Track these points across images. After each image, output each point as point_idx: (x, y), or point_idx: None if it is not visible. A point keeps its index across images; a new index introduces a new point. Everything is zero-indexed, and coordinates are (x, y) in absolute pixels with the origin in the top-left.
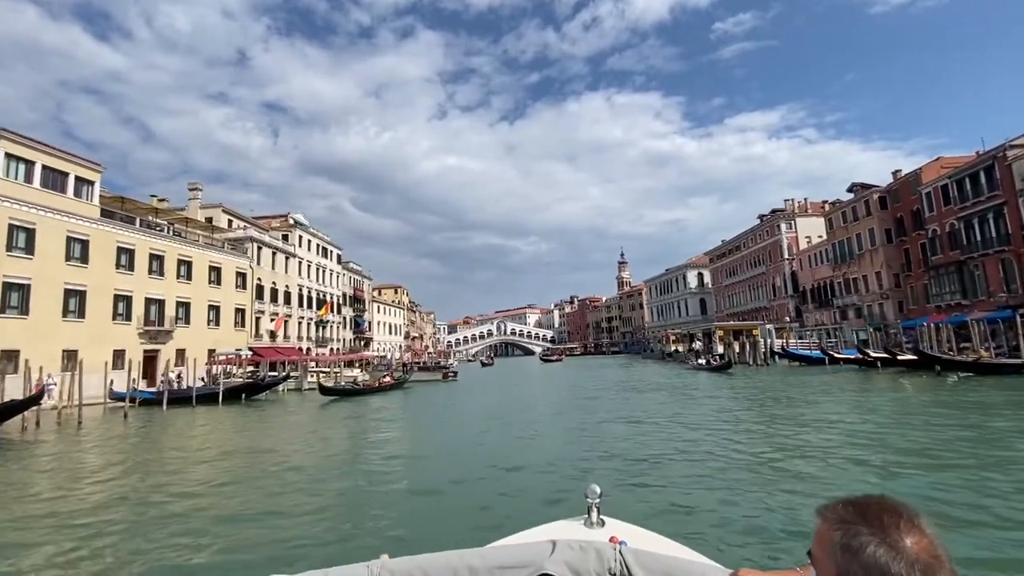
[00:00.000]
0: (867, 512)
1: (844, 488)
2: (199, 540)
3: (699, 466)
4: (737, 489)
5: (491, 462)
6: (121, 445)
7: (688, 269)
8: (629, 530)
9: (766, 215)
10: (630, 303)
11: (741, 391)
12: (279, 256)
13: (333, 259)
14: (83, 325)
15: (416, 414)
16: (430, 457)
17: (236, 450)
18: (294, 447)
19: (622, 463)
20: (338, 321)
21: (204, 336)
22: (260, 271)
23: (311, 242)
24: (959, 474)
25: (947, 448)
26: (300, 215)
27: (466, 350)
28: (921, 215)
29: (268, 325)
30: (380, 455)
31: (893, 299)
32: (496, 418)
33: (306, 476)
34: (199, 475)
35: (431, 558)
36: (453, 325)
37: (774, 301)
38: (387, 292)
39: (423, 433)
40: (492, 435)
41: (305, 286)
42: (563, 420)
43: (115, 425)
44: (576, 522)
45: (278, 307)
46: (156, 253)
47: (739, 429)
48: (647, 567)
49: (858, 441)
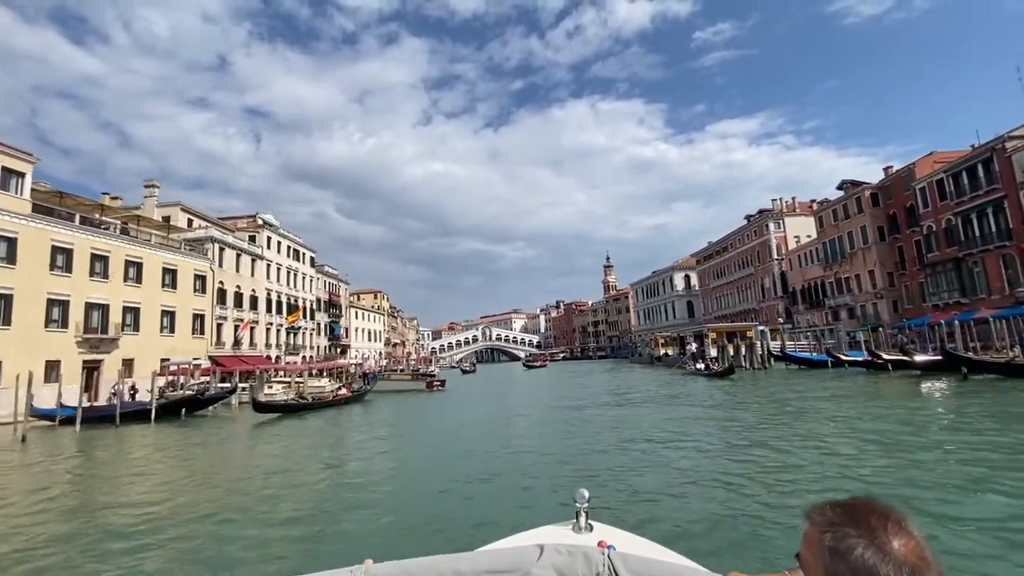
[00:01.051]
0: (855, 514)
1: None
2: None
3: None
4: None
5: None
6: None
7: (675, 271)
8: (618, 535)
9: (753, 215)
10: (616, 307)
11: (750, 401)
12: (244, 258)
13: (306, 262)
14: (9, 333)
15: (356, 439)
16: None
17: (81, 506)
18: (163, 494)
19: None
20: (311, 327)
21: (156, 344)
22: (223, 274)
23: (281, 244)
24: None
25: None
26: (270, 216)
27: (450, 356)
28: (915, 211)
29: (231, 332)
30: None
31: (887, 298)
32: (459, 445)
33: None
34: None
35: (417, 563)
36: (438, 331)
37: (763, 302)
38: (366, 297)
39: (354, 469)
40: (440, 476)
41: (274, 290)
42: (547, 444)
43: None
44: (564, 527)
45: (243, 312)
46: (99, 254)
47: (777, 461)
48: (635, 572)
49: (960, 474)
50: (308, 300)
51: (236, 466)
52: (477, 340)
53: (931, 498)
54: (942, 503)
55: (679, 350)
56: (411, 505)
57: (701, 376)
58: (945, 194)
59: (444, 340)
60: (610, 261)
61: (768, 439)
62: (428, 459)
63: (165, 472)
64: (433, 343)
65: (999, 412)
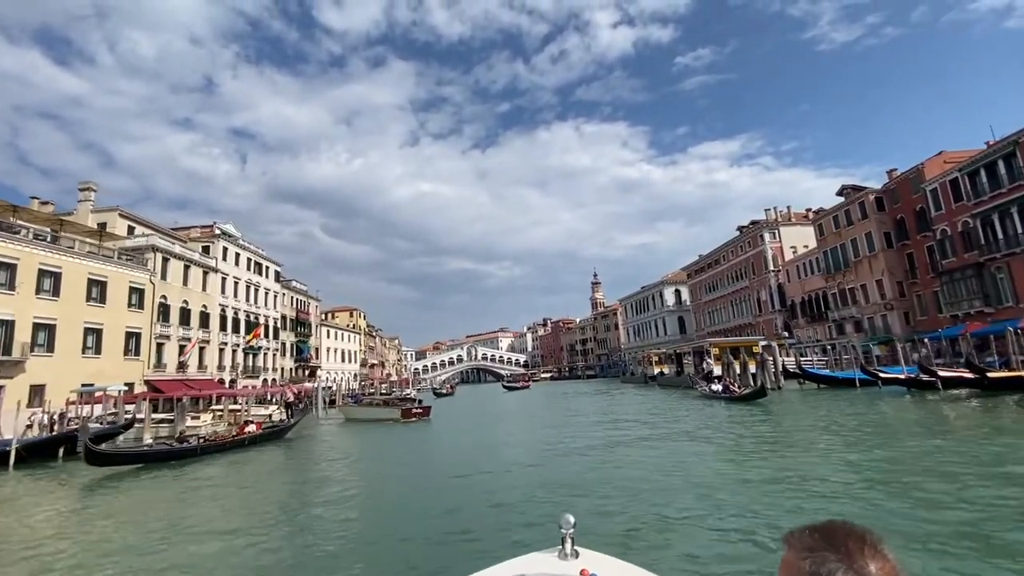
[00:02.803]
0: (833, 539)
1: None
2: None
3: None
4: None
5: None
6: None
7: (665, 286)
8: (604, 561)
9: (745, 226)
10: (605, 323)
11: (812, 437)
12: (194, 270)
13: (270, 276)
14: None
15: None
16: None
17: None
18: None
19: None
20: (274, 348)
21: (76, 367)
22: (166, 287)
23: (240, 256)
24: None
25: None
26: (230, 225)
27: (433, 377)
28: (926, 215)
29: (176, 352)
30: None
31: (898, 309)
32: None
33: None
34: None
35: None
36: (422, 351)
37: (759, 316)
38: (341, 315)
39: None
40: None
41: (231, 306)
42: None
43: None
44: (550, 554)
45: (190, 330)
46: (4, 261)
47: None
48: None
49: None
50: (272, 317)
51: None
52: (462, 360)
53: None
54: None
55: (676, 368)
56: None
57: (718, 399)
58: (961, 195)
59: (428, 360)
60: (598, 278)
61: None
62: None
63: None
64: (416, 363)
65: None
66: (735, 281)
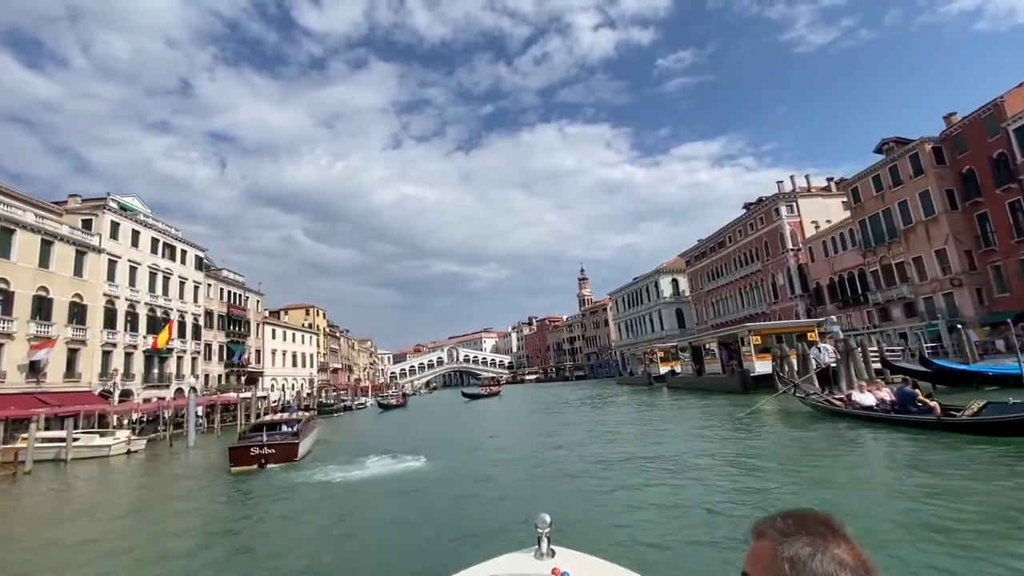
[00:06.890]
0: (806, 524)
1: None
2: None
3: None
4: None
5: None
6: None
7: (660, 275)
8: (580, 559)
9: (753, 203)
10: (594, 320)
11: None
12: (61, 247)
13: (188, 262)
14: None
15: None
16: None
17: None
18: None
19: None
20: (194, 351)
21: None
22: (11, 268)
23: (140, 234)
24: None
25: None
26: (132, 199)
27: (411, 381)
28: (1008, 162)
29: (22, 354)
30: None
31: (969, 285)
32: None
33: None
34: None
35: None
36: (402, 354)
37: (775, 304)
38: (295, 313)
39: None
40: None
41: (125, 297)
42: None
43: None
44: (526, 554)
45: (50, 326)
46: None
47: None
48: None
49: None
50: (191, 313)
51: None
52: (443, 362)
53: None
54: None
55: (695, 366)
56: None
57: (881, 425)
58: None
59: (407, 363)
60: (585, 274)
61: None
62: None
63: None
64: (393, 367)
65: None
66: (744, 265)
